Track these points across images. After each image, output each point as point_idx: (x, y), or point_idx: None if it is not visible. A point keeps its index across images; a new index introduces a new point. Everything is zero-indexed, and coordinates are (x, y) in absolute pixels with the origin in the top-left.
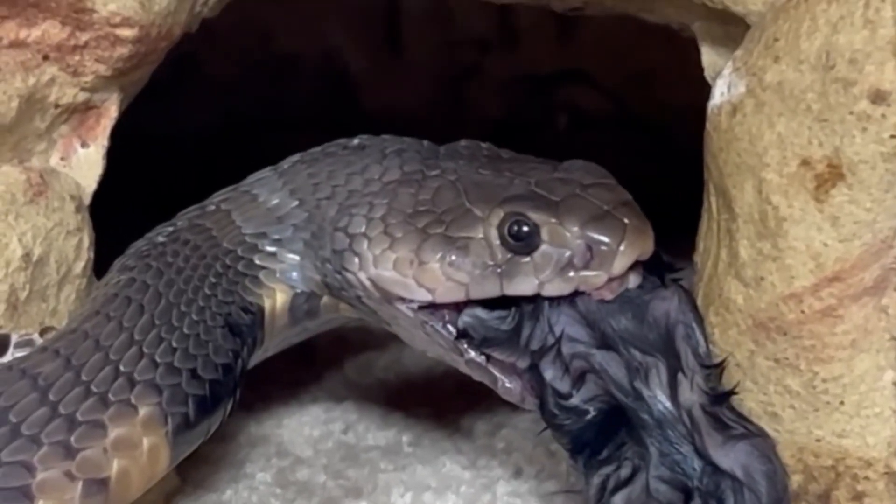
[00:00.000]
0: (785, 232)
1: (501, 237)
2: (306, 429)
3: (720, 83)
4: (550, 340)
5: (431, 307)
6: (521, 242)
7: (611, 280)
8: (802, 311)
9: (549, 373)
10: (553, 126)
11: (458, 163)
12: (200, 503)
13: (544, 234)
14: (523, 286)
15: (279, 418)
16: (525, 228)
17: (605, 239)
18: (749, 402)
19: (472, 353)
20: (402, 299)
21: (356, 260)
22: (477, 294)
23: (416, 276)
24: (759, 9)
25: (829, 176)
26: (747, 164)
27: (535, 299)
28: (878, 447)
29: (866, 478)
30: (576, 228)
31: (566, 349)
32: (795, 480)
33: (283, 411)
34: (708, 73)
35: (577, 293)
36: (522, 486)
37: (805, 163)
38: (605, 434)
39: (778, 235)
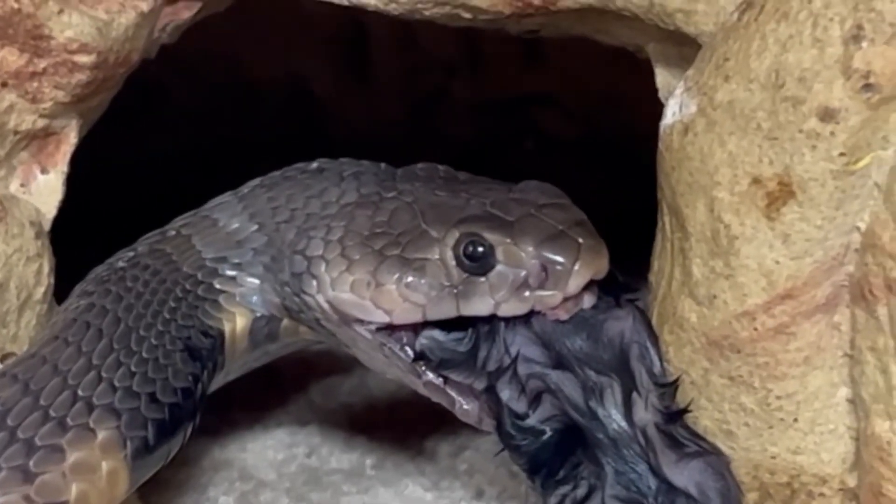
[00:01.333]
0: (737, 250)
1: (457, 258)
2: (270, 452)
3: (672, 103)
4: (506, 361)
5: (389, 329)
6: (477, 263)
7: (566, 300)
8: (755, 329)
9: (506, 393)
10: (520, 149)
11: (415, 184)
12: None
13: (499, 255)
14: (479, 307)
15: (243, 442)
16: (480, 249)
17: (559, 259)
18: (704, 419)
19: (430, 375)
20: (360, 321)
21: (314, 282)
22: (434, 315)
23: (373, 297)
24: (711, 29)
25: (780, 194)
26: (699, 182)
27: (492, 320)
28: (832, 463)
29: (822, 494)
30: (530, 248)
31: (522, 369)
32: (751, 498)
33: (247, 435)
34: (662, 94)
35: (532, 313)
36: None
37: (756, 181)
38: (561, 454)
39: (730, 254)
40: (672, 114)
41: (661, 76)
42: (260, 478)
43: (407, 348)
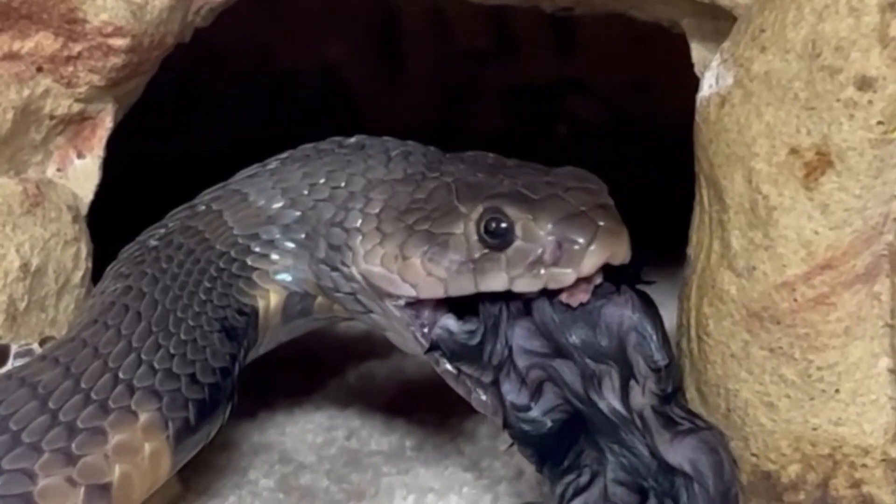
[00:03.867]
0: (775, 221)
1: (479, 233)
2: (309, 436)
3: (708, 75)
4: (506, 354)
5: (417, 305)
6: (497, 239)
7: (579, 280)
8: (795, 300)
9: (506, 386)
10: (553, 136)
11: (459, 166)
12: None
13: (518, 231)
14: (495, 282)
15: (282, 426)
16: (502, 224)
17: (575, 237)
18: (745, 392)
19: (447, 365)
20: (390, 295)
21: (350, 254)
22: (454, 290)
23: (400, 271)
24: (746, 1)
25: (818, 164)
26: (737, 154)
27: (499, 313)
28: (874, 434)
29: (864, 465)
30: (549, 225)
31: (522, 361)
32: (793, 470)
33: (286, 420)
34: (698, 69)
35: (534, 305)
36: (525, 487)
37: (794, 151)
38: (564, 443)
39: (769, 224)
40: (709, 86)
41: (697, 51)
42: (300, 460)
43: (425, 330)
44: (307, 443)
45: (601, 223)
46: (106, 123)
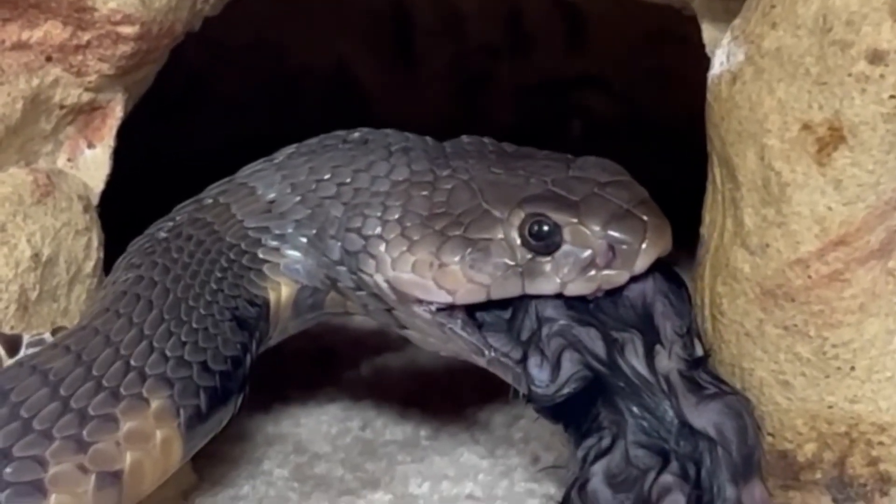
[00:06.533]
0: (788, 197)
1: (522, 238)
2: (324, 426)
3: (719, 53)
4: (535, 327)
5: (449, 308)
6: (542, 242)
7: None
8: (809, 277)
9: (531, 361)
10: (567, 132)
11: (468, 161)
12: (218, 499)
13: (566, 234)
14: (545, 286)
15: (297, 418)
16: (546, 228)
17: (627, 238)
18: (760, 370)
19: (495, 353)
20: (420, 301)
21: (372, 262)
22: (498, 294)
23: (435, 277)
24: None
25: (831, 139)
26: (748, 131)
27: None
28: (891, 411)
29: (881, 443)
30: (597, 228)
31: (545, 331)
32: (809, 449)
33: (300, 411)
34: (709, 49)
35: None
36: (540, 473)
37: (806, 127)
38: (584, 408)
39: (782, 201)
40: (720, 63)
41: (708, 31)
42: (314, 450)
43: (468, 328)
44: (322, 433)
45: (647, 220)
46: (116, 113)
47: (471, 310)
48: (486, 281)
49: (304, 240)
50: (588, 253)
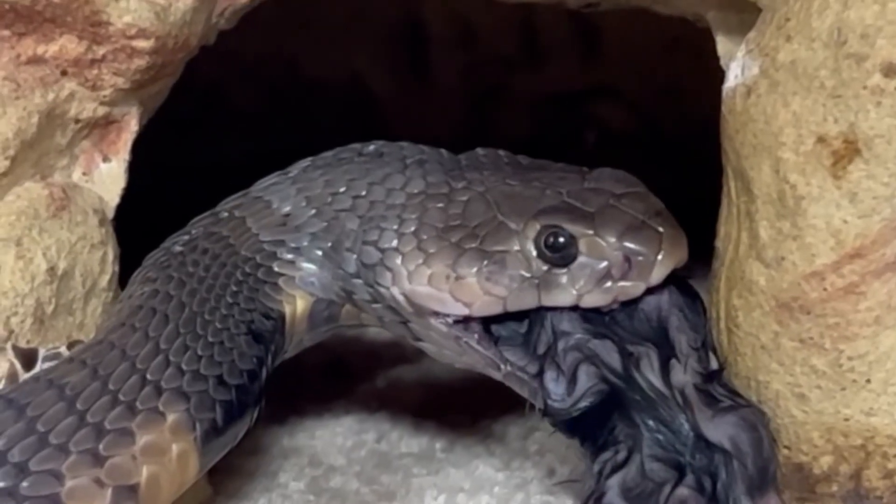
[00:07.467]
0: (804, 210)
1: (538, 249)
2: (339, 439)
3: (734, 66)
4: (551, 341)
5: (465, 321)
6: (558, 254)
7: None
8: (825, 290)
9: (548, 375)
10: (581, 143)
11: (483, 174)
12: None
13: (582, 246)
14: (562, 298)
15: (312, 430)
16: (562, 240)
17: (643, 249)
18: (775, 383)
19: (510, 367)
20: (437, 314)
21: (388, 275)
22: (514, 306)
23: (452, 290)
24: None
25: (846, 152)
26: (763, 144)
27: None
28: None
29: None
30: (613, 240)
31: (561, 345)
32: (825, 461)
33: (315, 424)
34: (723, 62)
35: None
36: (556, 486)
37: (821, 140)
38: (600, 421)
39: (797, 214)
40: (734, 76)
41: (722, 44)
42: (330, 463)
43: (484, 341)
44: (337, 446)
45: (663, 231)
46: (131, 126)
47: (487, 324)
48: (502, 293)
49: (320, 253)
50: (604, 264)
